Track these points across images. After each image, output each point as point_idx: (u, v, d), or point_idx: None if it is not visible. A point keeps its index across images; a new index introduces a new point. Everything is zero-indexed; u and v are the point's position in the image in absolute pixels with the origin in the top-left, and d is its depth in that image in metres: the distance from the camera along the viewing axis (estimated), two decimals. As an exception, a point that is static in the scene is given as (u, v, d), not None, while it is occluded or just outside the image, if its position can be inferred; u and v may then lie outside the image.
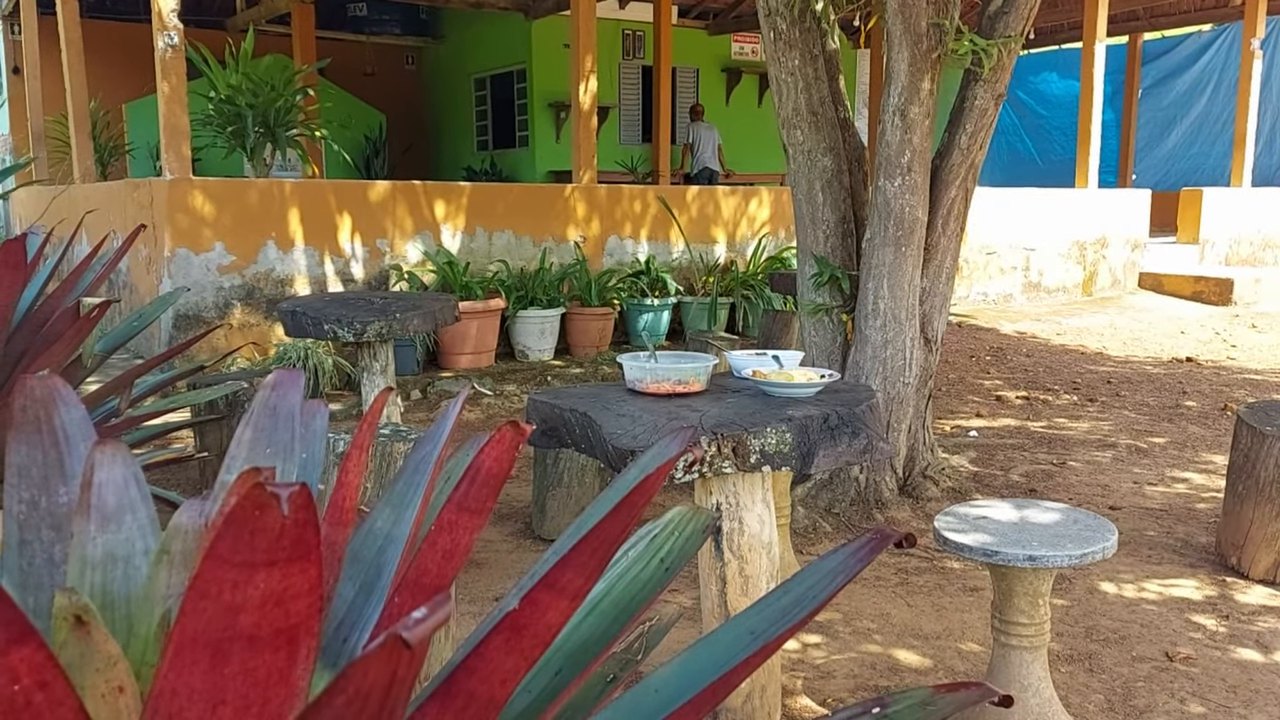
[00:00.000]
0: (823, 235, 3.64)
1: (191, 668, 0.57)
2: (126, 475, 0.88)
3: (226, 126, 6.72)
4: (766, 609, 0.89)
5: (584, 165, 7.52)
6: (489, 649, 0.64)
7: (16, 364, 2.39)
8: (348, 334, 3.73)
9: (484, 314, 6.44)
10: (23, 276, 2.38)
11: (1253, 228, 11.63)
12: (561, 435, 2.26)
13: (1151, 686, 2.55)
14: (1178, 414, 5.55)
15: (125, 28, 11.60)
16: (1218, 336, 8.25)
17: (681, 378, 2.31)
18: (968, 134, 3.43)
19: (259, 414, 1.00)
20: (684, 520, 1.06)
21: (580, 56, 7.56)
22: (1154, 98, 15.56)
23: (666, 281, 7.40)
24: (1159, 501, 4.04)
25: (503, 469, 0.80)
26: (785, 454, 2.02)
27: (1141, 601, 3.07)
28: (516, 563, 3.40)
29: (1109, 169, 13.61)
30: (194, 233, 5.94)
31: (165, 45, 5.97)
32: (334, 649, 0.81)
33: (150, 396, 3.11)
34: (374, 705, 0.56)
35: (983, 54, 3.23)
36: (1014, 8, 3.29)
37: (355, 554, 0.88)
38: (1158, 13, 13.32)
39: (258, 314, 6.19)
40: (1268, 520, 3.17)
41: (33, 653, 0.52)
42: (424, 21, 13.61)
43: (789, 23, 3.45)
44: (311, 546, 0.56)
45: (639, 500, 0.75)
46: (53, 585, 0.84)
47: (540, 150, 12.43)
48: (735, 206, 8.25)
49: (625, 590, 0.94)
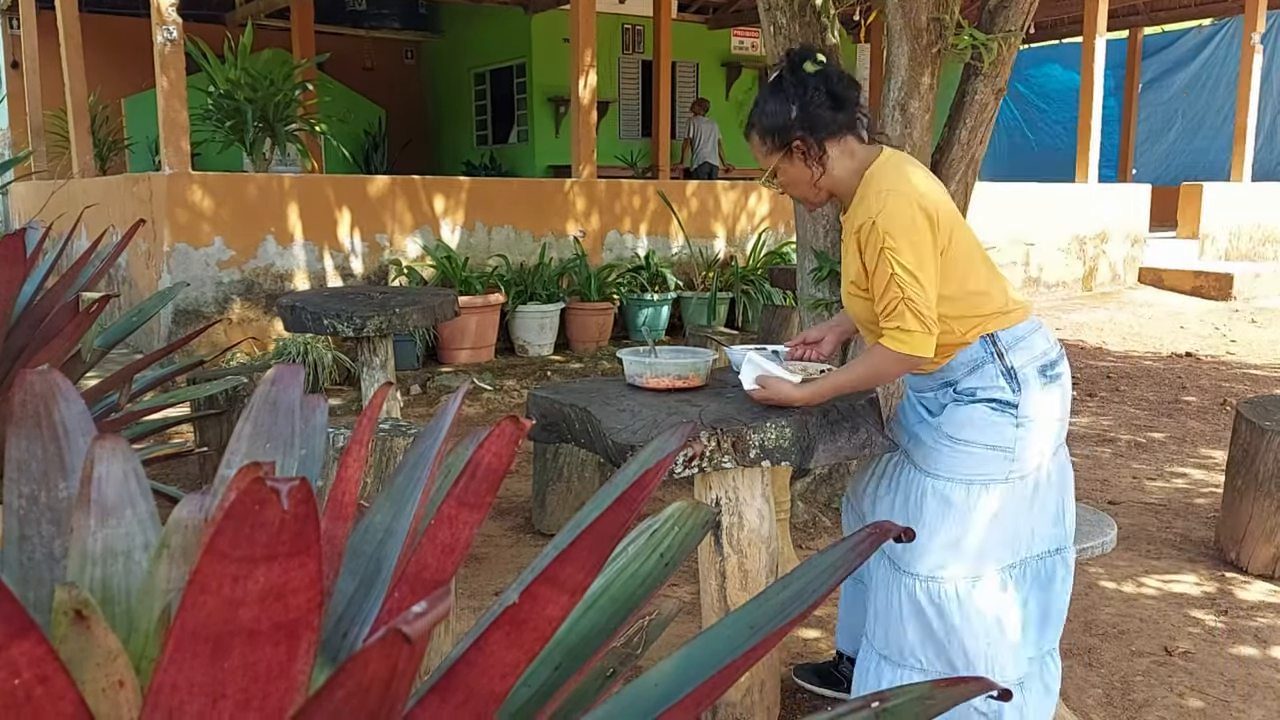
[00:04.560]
0: (822, 230, 3.64)
1: (192, 662, 0.57)
2: (126, 470, 0.88)
3: (226, 121, 6.71)
4: (766, 603, 0.89)
5: (584, 160, 7.51)
6: (489, 643, 0.64)
7: (16, 359, 2.38)
8: (347, 329, 3.73)
9: (483, 309, 6.44)
10: (22, 271, 2.38)
11: (1253, 222, 11.63)
12: (561, 430, 2.26)
13: (1150, 681, 2.55)
14: (1177, 409, 5.55)
15: (124, 22, 11.58)
16: (1217, 331, 8.25)
17: (681, 373, 2.31)
18: (968, 129, 3.42)
19: (259, 409, 1.00)
20: (684, 515, 1.06)
21: (580, 51, 7.55)
22: (1154, 92, 15.55)
23: (666, 276, 7.40)
24: (1158, 496, 4.04)
25: (502, 464, 0.80)
26: (785, 449, 2.02)
27: (1140, 596, 3.08)
28: (516, 557, 3.40)
29: (1109, 163, 13.61)
30: (193, 228, 5.93)
31: (164, 40, 5.96)
32: (334, 643, 0.81)
33: (150, 391, 3.11)
34: (374, 699, 0.57)
35: (983, 49, 3.23)
36: (1014, 2, 3.29)
37: (355, 548, 0.88)
38: (1158, 7, 13.31)
39: (257, 309, 6.19)
40: (1267, 515, 3.18)
41: (33, 647, 0.52)
42: (423, 16, 13.59)
43: (789, 17, 3.44)
44: (311, 541, 0.56)
45: (638, 495, 0.75)
46: (53, 580, 0.84)
47: (540, 145, 12.42)
48: (735, 201, 8.24)
49: (625, 585, 0.94)
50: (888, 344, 1.96)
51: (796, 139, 2.01)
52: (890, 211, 1.92)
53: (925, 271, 1.93)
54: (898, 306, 1.93)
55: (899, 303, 1.92)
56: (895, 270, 1.91)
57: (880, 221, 1.92)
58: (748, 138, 2.10)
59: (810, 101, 2.00)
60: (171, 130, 6.00)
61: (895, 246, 1.91)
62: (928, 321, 1.93)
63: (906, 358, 1.95)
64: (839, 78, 2.03)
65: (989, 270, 2.08)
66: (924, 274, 1.93)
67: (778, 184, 2.11)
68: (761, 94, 2.07)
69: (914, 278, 1.92)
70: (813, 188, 2.07)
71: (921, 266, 1.92)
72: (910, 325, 1.92)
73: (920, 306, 1.92)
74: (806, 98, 1.99)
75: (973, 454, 2.02)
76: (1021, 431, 2.01)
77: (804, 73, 2.00)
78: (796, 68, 2.02)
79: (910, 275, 1.91)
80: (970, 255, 2.04)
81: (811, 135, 2.00)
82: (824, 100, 2.00)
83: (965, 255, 2.03)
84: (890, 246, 1.92)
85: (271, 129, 6.73)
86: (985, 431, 2.02)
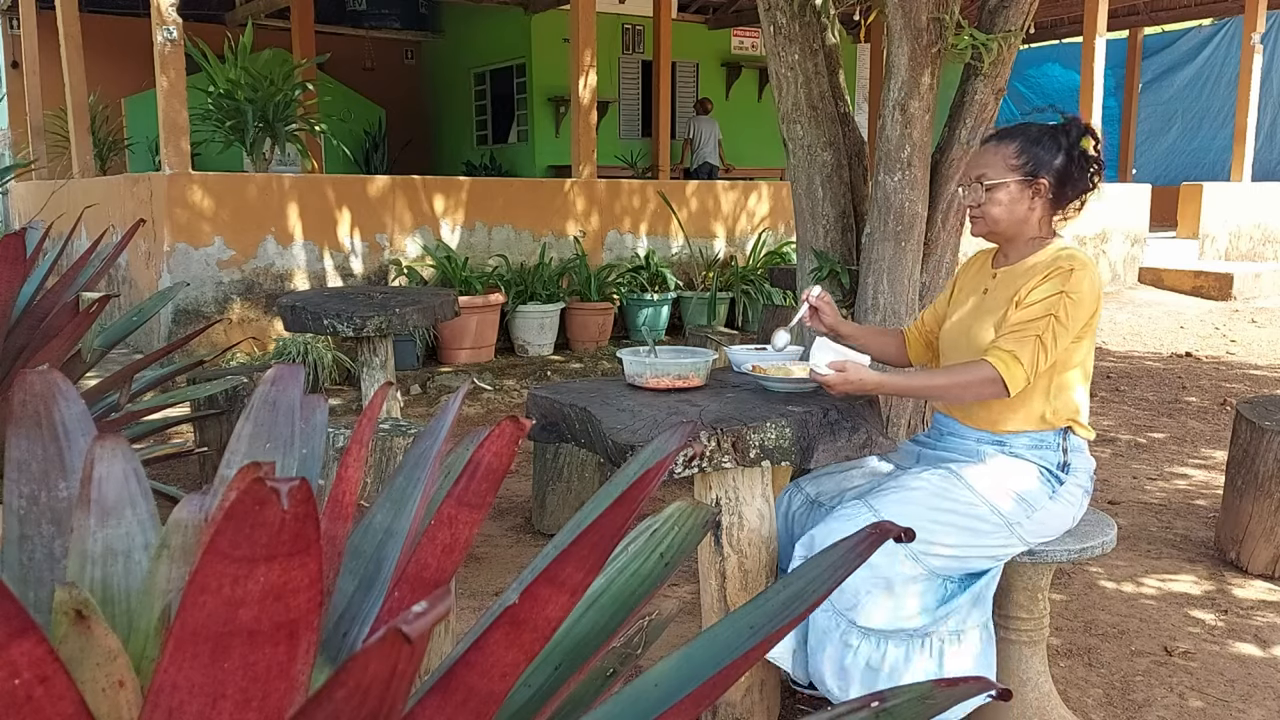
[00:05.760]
0: (822, 230, 3.64)
1: (192, 662, 0.57)
2: (126, 470, 0.88)
3: (226, 121, 6.70)
4: (766, 603, 0.89)
5: (584, 160, 7.51)
6: (489, 643, 0.64)
7: (16, 359, 2.39)
8: (347, 329, 3.73)
9: (483, 309, 6.44)
10: (22, 271, 2.38)
11: (1253, 222, 11.62)
12: (561, 430, 2.26)
13: (1150, 681, 2.56)
14: (1177, 409, 5.55)
15: (124, 22, 11.59)
16: (1217, 331, 8.25)
17: (681, 373, 2.31)
18: (968, 128, 3.42)
19: (259, 409, 1.00)
20: (684, 515, 1.06)
21: (580, 51, 7.55)
22: (1154, 92, 15.55)
23: (666, 276, 7.40)
24: (1158, 496, 4.04)
25: (502, 464, 0.80)
26: (785, 449, 2.02)
27: (1140, 596, 3.08)
28: (516, 557, 3.40)
29: (1109, 163, 13.60)
30: (193, 228, 5.93)
31: (164, 40, 5.96)
32: (334, 643, 0.81)
33: (150, 391, 3.11)
34: (374, 699, 0.57)
35: (983, 49, 3.23)
36: (1014, 2, 3.28)
37: (355, 549, 0.88)
38: (1158, 7, 13.31)
39: (257, 309, 6.19)
40: (1266, 515, 3.18)
41: (33, 647, 0.52)
42: (423, 16, 13.58)
43: (789, 17, 3.44)
44: (311, 541, 0.56)
45: (638, 495, 0.75)
46: (53, 580, 0.84)
47: (540, 145, 12.42)
48: (735, 201, 8.24)
49: (625, 585, 0.94)
50: (993, 361, 2.05)
51: (1045, 180, 2.14)
52: (1087, 279, 2.08)
53: (1063, 338, 2.07)
54: (1028, 339, 2.05)
55: (1032, 337, 2.05)
56: (1056, 313, 2.05)
57: (1077, 275, 2.07)
58: (997, 142, 2.20)
59: (1074, 165, 2.15)
60: (171, 130, 6.00)
61: (1072, 300, 2.06)
62: (1037, 368, 2.05)
63: (998, 382, 2.04)
64: (1097, 169, 2.19)
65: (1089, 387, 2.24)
66: (1063, 338, 2.07)
67: (982, 192, 2.19)
68: (1039, 127, 2.20)
69: (1059, 332, 2.05)
70: (1006, 218, 2.17)
71: (1067, 332, 2.07)
72: (1024, 358, 2.04)
73: (1043, 353, 2.05)
74: (1073, 160, 2.15)
75: (996, 487, 2.11)
76: (1053, 501, 2.13)
77: (1080, 145, 2.16)
78: (1079, 137, 2.17)
79: (1060, 327, 2.05)
80: (1087, 361, 2.19)
81: (1055, 188, 2.15)
82: (1078, 174, 2.16)
83: (1086, 357, 2.18)
84: (1070, 296, 2.06)
85: (271, 129, 6.73)
86: (1021, 479, 2.12)
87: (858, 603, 2.01)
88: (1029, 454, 2.15)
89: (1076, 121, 2.18)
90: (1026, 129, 2.18)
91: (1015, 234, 2.20)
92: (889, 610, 2.02)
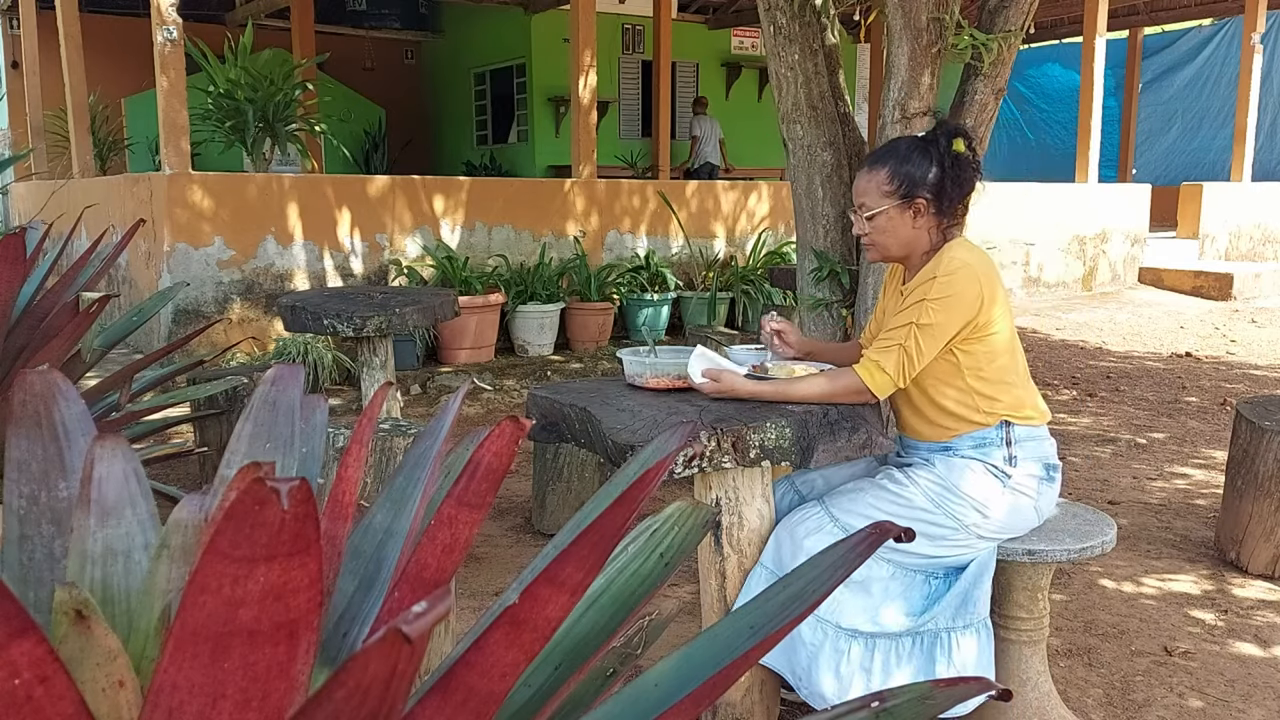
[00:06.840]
0: (822, 230, 3.64)
1: (192, 662, 0.57)
2: (126, 470, 0.88)
3: (226, 121, 6.70)
4: (766, 603, 0.89)
5: (583, 160, 7.51)
6: (489, 643, 0.64)
7: (16, 359, 2.39)
8: (347, 329, 3.73)
9: (483, 309, 6.44)
10: (22, 271, 2.38)
11: (1253, 222, 11.63)
12: (561, 430, 2.26)
13: (1150, 681, 2.56)
14: (1177, 409, 5.55)
15: (124, 22, 11.59)
16: (1217, 331, 8.25)
17: (681, 373, 2.31)
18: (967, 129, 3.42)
19: (259, 409, 1.00)
20: (684, 515, 1.06)
21: (580, 51, 7.55)
22: (1154, 92, 15.55)
23: (666, 276, 7.40)
24: (1158, 496, 4.04)
25: (502, 464, 0.80)
26: (785, 448, 2.02)
27: (1140, 596, 3.08)
28: (516, 557, 3.40)
29: (1109, 163, 13.61)
30: (193, 228, 5.93)
31: (164, 40, 5.96)
32: (334, 643, 0.81)
33: (150, 391, 3.11)
34: (374, 699, 0.57)
35: (983, 49, 3.23)
36: (1014, 2, 3.28)
37: (355, 549, 0.88)
38: (1158, 7, 13.31)
39: (257, 309, 6.19)
40: (1266, 515, 3.18)
41: (33, 647, 0.52)
42: (423, 16, 13.59)
43: (789, 17, 3.44)
44: (311, 541, 0.56)
45: (638, 495, 0.75)
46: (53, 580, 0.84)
47: (540, 145, 12.42)
48: (735, 201, 8.24)
49: (625, 585, 0.94)
50: (859, 371, 2.11)
51: (922, 198, 2.15)
52: (955, 279, 2.08)
53: (934, 341, 2.08)
54: (892, 347, 2.09)
55: (896, 346, 2.09)
56: (917, 320, 2.07)
57: (940, 280, 2.09)
58: (869, 169, 2.20)
59: (949, 176, 2.15)
60: (171, 130, 6.00)
61: (934, 305, 2.07)
62: (904, 375, 2.09)
63: (865, 391, 2.11)
64: (973, 167, 2.19)
65: (1025, 371, 2.22)
66: (931, 341, 2.08)
67: (869, 221, 2.21)
68: (908, 143, 2.21)
69: (923, 337, 2.07)
70: (893, 242, 2.20)
71: (936, 335, 2.08)
72: (889, 367, 2.09)
73: (909, 360, 2.08)
74: (946, 170, 2.14)
75: (946, 493, 2.14)
76: (1007, 494, 2.14)
77: (952, 150, 2.15)
78: (949, 140, 2.16)
79: (923, 332, 2.07)
80: (1012, 348, 2.18)
81: (934, 202, 2.15)
82: (955, 181, 2.16)
83: (1008, 345, 2.17)
84: (932, 302, 2.07)
85: (271, 129, 6.73)
86: (968, 481, 2.13)
87: (837, 605, 2.05)
88: (973, 453, 2.17)
89: (944, 126, 2.19)
90: (895, 148, 2.20)
91: (908, 253, 2.22)
92: (869, 610, 2.05)
